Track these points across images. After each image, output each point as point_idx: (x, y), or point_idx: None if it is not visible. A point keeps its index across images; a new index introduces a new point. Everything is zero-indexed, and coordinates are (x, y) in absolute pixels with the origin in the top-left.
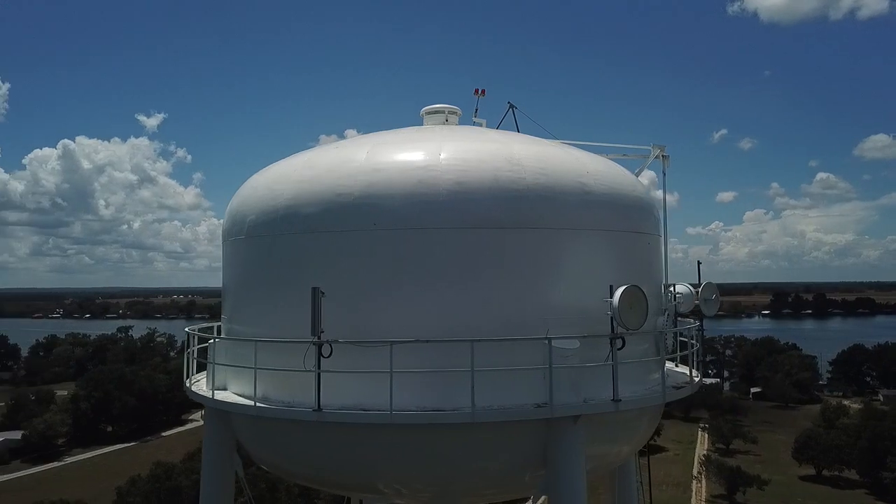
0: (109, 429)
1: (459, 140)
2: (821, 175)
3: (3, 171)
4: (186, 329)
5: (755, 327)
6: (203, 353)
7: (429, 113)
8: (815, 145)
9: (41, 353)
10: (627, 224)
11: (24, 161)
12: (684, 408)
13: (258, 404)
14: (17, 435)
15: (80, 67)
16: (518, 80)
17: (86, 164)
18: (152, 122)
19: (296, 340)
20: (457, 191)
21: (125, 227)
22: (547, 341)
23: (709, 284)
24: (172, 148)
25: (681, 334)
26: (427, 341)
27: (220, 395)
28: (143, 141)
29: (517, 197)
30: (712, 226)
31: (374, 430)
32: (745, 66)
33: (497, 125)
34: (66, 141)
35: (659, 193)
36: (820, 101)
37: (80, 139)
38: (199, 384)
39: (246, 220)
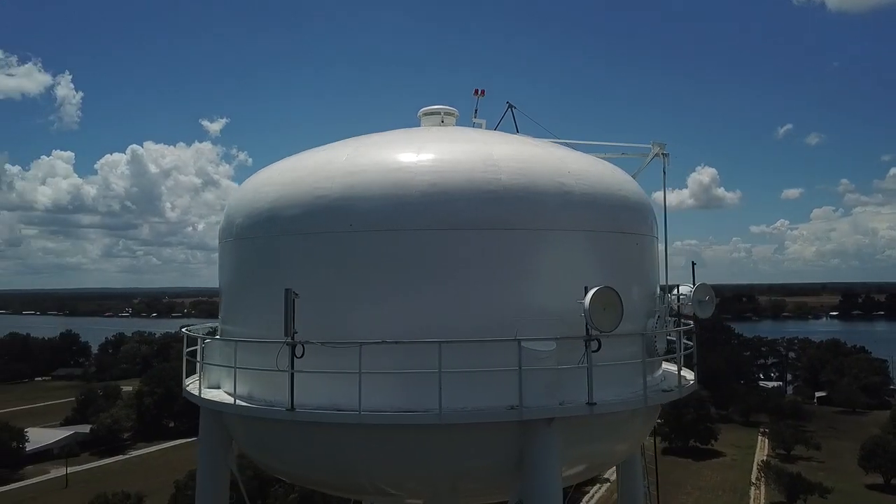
0: (171, 424)
1: (441, 141)
2: (894, 170)
3: (77, 176)
4: (183, 329)
5: (822, 329)
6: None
7: (425, 114)
8: (887, 139)
9: (110, 351)
10: (612, 224)
11: (95, 166)
12: (743, 411)
13: (238, 402)
14: (86, 429)
15: (148, 75)
16: (532, 79)
17: (153, 169)
18: (215, 126)
19: (269, 341)
20: (431, 192)
21: (190, 228)
22: (517, 343)
23: (702, 286)
24: (234, 151)
25: (671, 335)
26: (393, 343)
27: (213, 394)
28: (207, 145)
29: (492, 198)
30: (777, 224)
31: (346, 430)
32: (812, 57)
33: (496, 126)
34: (134, 146)
35: (659, 195)
36: (893, 92)
37: (148, 144)
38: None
39: (235, 223)
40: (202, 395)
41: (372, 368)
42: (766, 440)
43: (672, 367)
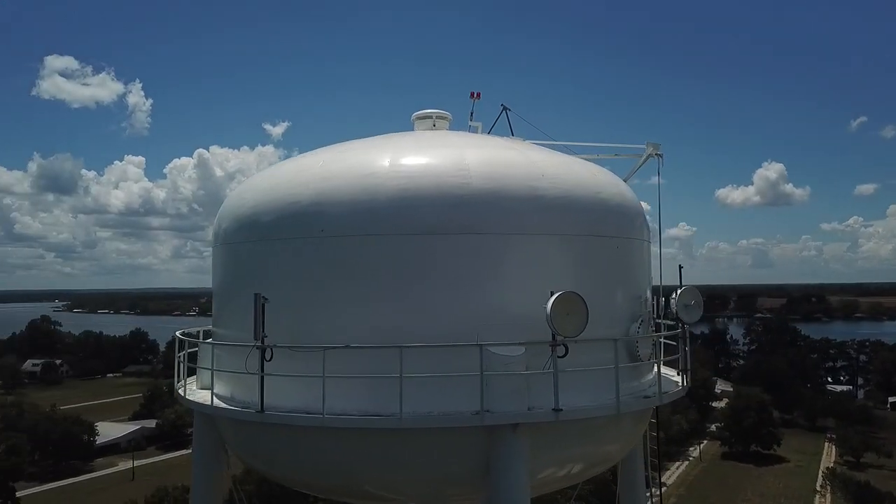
0: None
1: (418, 146)
2: None
3: (147, 180)
4: (177, 333)
5: None
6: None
7: (418, 118)
8: None
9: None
10: (588, 228)
11: (164, 171)
12: (809, 416)
13: (215, 404)
14: (152, 424)
15: (213, 81)
16: (547, 80)
17: (218, 172)
18: (277, 130)
19: (241, 344)
20: (399, 197)
21: None
22: (479, 348)
23: (688, 289)
24: (295, 154)
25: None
26: (356, 347)
27: (203, 395)
28: (269, 149)
29: (460, 203)
30: (850, 221)
31: (313, 433)
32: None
33: (490, 128)
34: (201, 150)
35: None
36: None
37: (214, 148)
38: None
39: (222, 228)
40: (187, 396)
41: (343, 372)
42: (833, 446)
43: (672, 371)
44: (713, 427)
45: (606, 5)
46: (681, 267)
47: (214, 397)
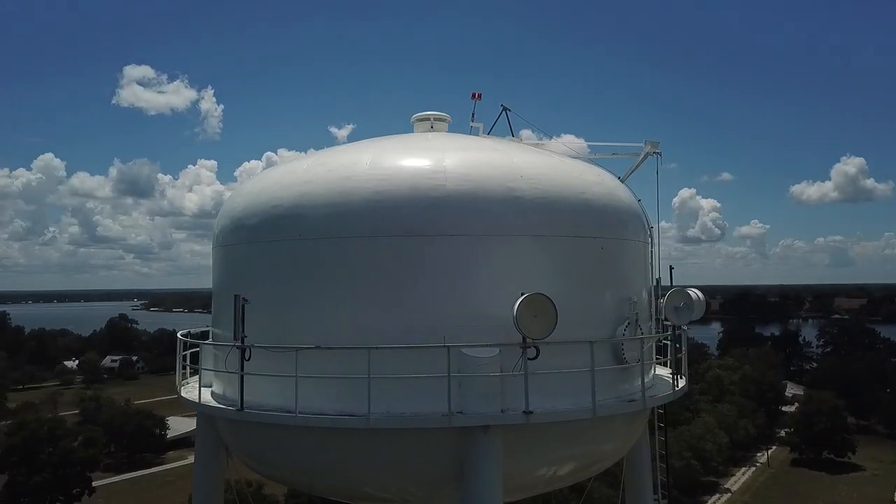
0: None
1: (402, 149)
2: None
3: (219, 183)
4: (179, 333)
5: None
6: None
7: (417, 120)
8: None
9: None
10: (569, 229)
11: (235, 173)
12: (888, 422)
13: (204, 401)
14: None
15: (280, 86)
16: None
17: None
18: (343, 132)
19: (220, 343)
20: (374, 199)
21: None
22: (455, 349)
23: (678, 291)
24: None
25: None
26: (326, 348)
27: (205, 393)
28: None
29: (434, 204)
30: None
31: (289, 431)
32: None
33: (490, 129)
34: (269, 153)
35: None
36: None
37: (281, 151)
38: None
39: (217, 230)
40: (183, 394)
41: (321, 372)
42: None
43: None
44: (782, 432)
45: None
46: (671, 268)
47: (210, 395)
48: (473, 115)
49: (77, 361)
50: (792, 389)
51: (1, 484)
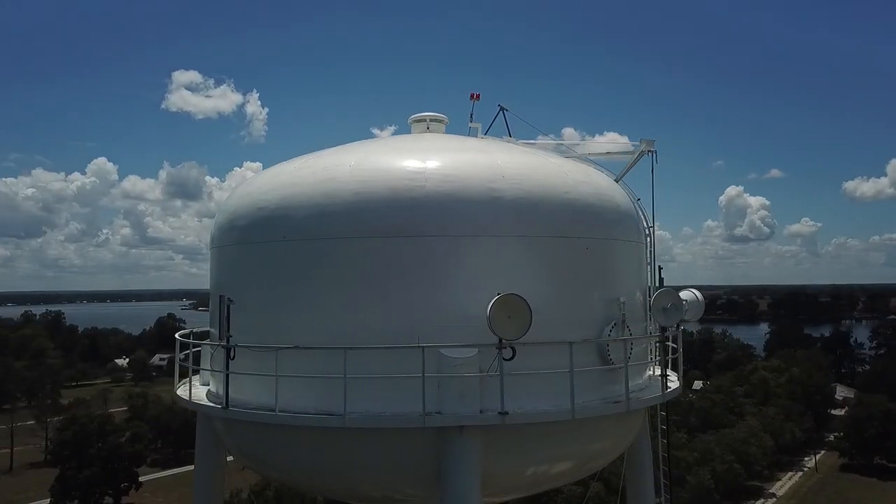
0: None
1: (386, 150)
2: None
3: None
4: (177, 335)
5: None
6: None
7: (414, 121)
8: None
9: None
10: (552, 229)
11: None
12: None
13: (191, 399)
14: None
15: (322, 88)
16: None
17: None
18: (385, 133)
19: (210, 344)
20: (354, 201)
21: None
22: (431, 350)
23: (665, 292)
24: None
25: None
26: (304, 348)
27: (197, 393)
28: None
29: (413, 205)
30: None
31: (272, 430)
32: None
33: (487, 129)
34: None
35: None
36: None
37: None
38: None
39: (212, 232)
40: (177, 392)
41: (303, 372)
42: None
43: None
44: (831, 437)
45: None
46: (660, 268)
47: (205, 395)
48: (472, 115)
49: (127, 359)
50: (842, 392)
51: (53, 477)
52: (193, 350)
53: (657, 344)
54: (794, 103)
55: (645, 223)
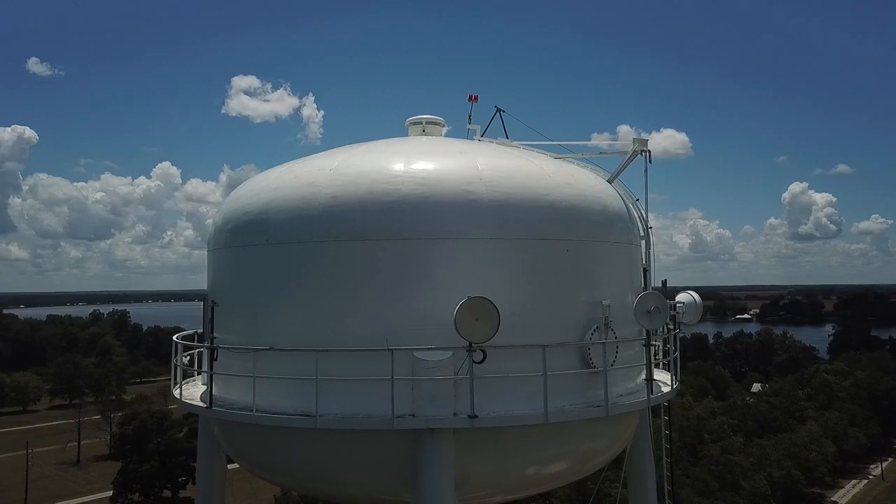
0: None
1: (369, 154)
2: None
3: None
4: (174, 337)
5: None
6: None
7: (411, 124)
8: None
9: None
10: (530, 231)
11: None
12: None
13: (183, 400)
14: None
15: (376, 90)
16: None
17: None
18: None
19: (196, 345)
20: (331, 205)
21: None
22: (391, 353)
23: (649, 294)
24: None
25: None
26: (280, 350)
27: (195, 392)
28: None
29: (388, 209)
30: None
31: (252, 429)
32: None
33: (484, 131)
34: None
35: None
36: None
37: None
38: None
39: (207, 236)
40: (174, 392)
41: (284, 374)
42: None
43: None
44: None
45: None
46: (646, 270)
47: (199, 395)
48: (470, 117)
49: (188, 357)
50: None
51: (116, 470)
52: (188, 353)
53: (659, 347)
54: (863, 97)
55: (637, 224)
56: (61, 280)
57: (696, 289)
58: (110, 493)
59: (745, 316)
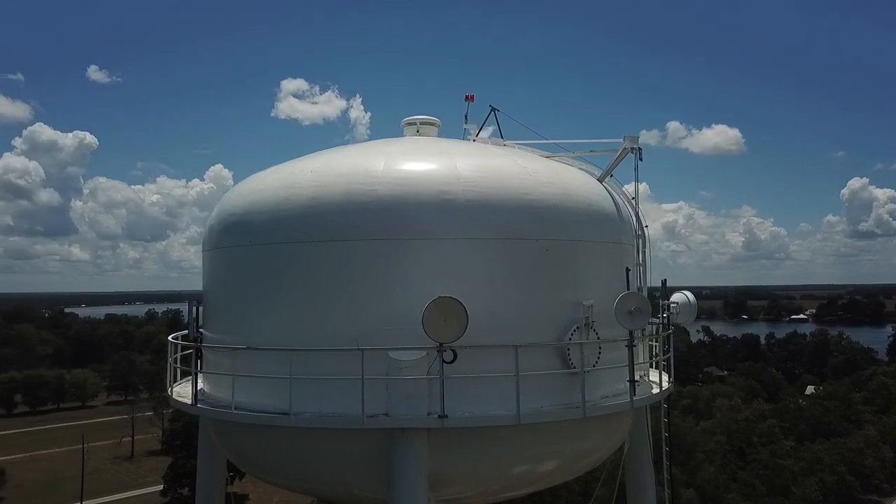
0: None
1: (349, 155)
2: None
3: None
4: (169, 337)
5: None
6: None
7: (406, 125)
8: None
9: None
10: (507, 231)
11: None
12: None
13: (176, 398)
14: None
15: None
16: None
17: None
18: (482, 135)
19: (183, 343)
20: (308, 206)
21: None
22: (361, 353)
23: (630, 294)
24: None
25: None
26: (256, 349)
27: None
28: None
29: (364, 209)
30: None
31: (235, 426)
32: None
33: (478, 130)
34: None
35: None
36: None
37: None
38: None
39: (203, 236)
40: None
41: (264, 373)
42: None
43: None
44: None
45: None
46: (628, 270)
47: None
48: (466, 116)
49: None
50: None
51: (167, 465)
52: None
53: (656, 346)
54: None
55: (628, 224)
56: (119, 280)
57: (749, 288)
58: (161, 486)
59: (801, 316)
